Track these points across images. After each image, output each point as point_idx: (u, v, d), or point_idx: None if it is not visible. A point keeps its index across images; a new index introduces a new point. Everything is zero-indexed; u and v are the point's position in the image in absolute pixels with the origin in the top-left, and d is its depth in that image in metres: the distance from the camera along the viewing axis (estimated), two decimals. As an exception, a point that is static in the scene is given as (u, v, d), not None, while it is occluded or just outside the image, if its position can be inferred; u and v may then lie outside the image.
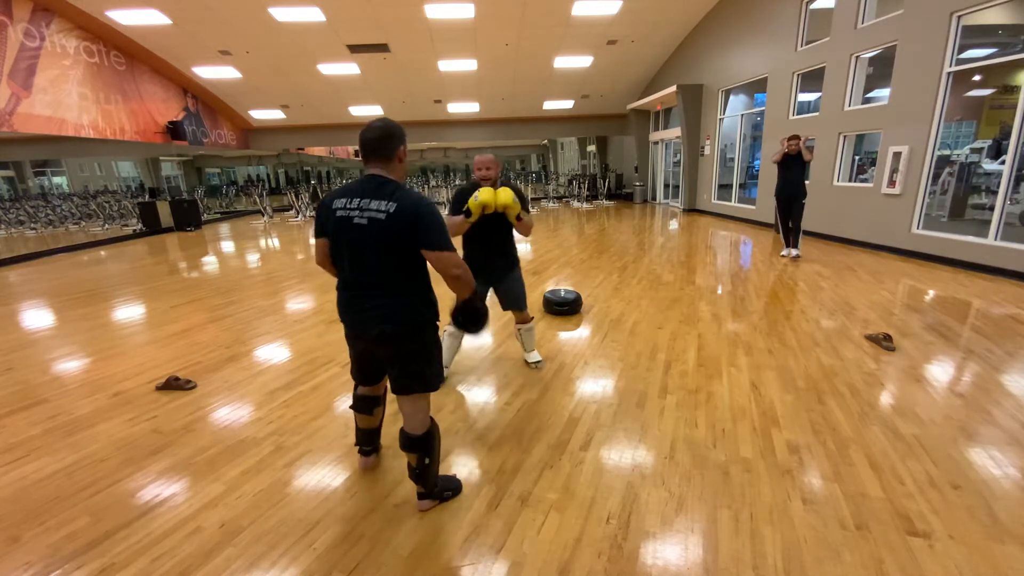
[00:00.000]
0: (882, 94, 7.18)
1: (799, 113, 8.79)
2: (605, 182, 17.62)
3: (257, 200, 16.03)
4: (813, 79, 8.20)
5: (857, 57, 7.15)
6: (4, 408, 3.03)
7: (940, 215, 7.17)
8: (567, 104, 16.22)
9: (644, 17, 10.84)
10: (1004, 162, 5.48)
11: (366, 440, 2.23)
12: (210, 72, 12.73)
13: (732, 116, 11.10)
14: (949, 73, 5.77)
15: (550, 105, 16.22)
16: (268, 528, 1.91)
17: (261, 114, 15.93)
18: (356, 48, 11.59)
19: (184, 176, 30.82)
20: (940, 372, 3.10)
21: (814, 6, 8.08)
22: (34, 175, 26.07)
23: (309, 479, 2.22)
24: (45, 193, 21.43)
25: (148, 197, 14.44)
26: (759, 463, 2.21)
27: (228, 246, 10.28)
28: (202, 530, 1.91)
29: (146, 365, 3.64)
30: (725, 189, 11.74)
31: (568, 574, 1.65)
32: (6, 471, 2.35)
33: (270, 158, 30.37)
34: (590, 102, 16.08)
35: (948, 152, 7.99)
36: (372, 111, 15.87)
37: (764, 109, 9.54)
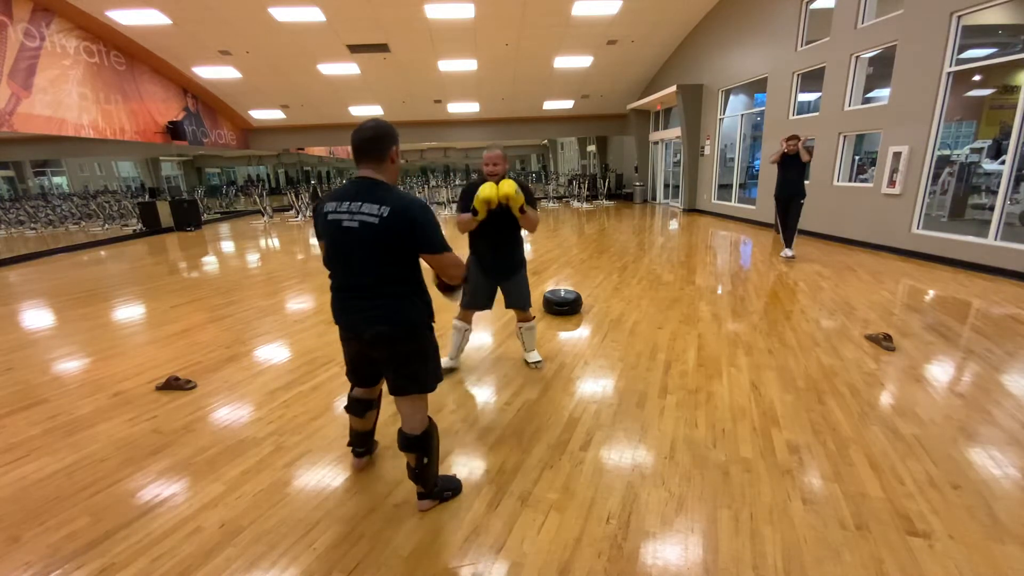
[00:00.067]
0: (882, 94, 7.18)
1: (799, 113, 8.79)
2: (605, 182, 17.61)
3: (257, 200, 16.03)
4: (813, 79, 8.20)
5: (857, 57, 7.15)
6: (4, 408, 3.03)
7: (940, 215, 7.17)
8: (567, 104, 16.22)
9: (644, 17, 10.84)
10: (1004, 162, 5.48)
11: (359, 442, 2.23)
12: (210, 72, 12.73)
13: (732, 116, 11.10)
14: (949, 73, 5.78)
15: (550, 105, 16.22)
16: (268, 528, 1.91)
17: (261, 114, 15.93)
18: (356, 48, 11.59)
19: (184, 176, 30.82)
20: (940, 372, 3.10)
21: (814, 6, 8.08)
22: (34, 175, 26.07)
23: (309, 479, 2.22)
24: (45, 193, 21.44)
25: (148, 197, 14.44)
26: (759, 463, 2.21)
27: (228, 246, 10.28)
28: (202, 530, 1.91)
29: (146, 365, 3.64)
30: (725, 189, 11.74)
31: (568, 574, 1.65)
32: (6, 471, 2.35)
33: (270, 158, 30.38)
34: (590, 102, 16.08)
35: (948, 152, 7.99)
36: (372, 111, 15.87)
37: (764, 109, 9.54)
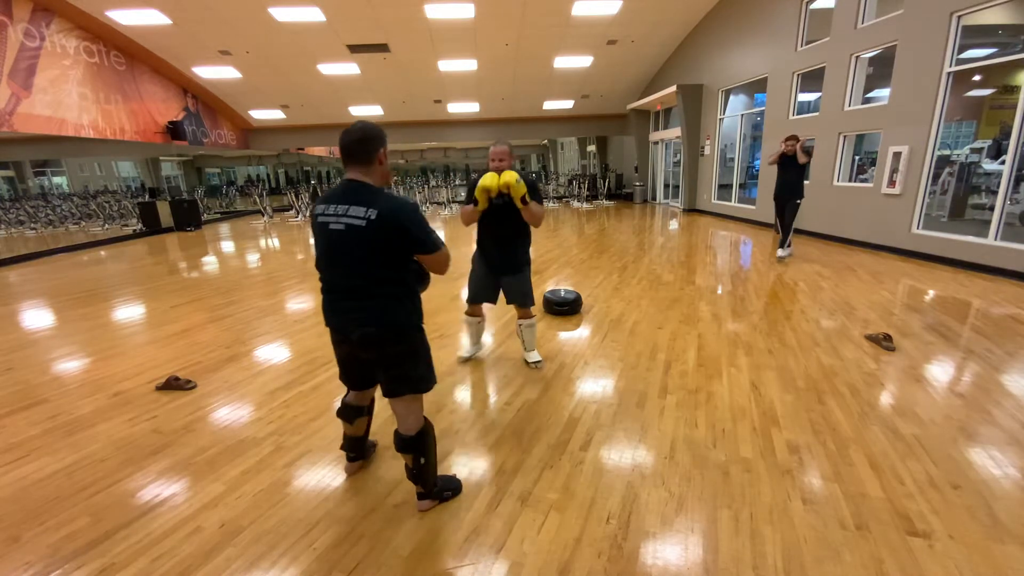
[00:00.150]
0: (882, 94, 7.18)
1: (799, 113, 8.79)
2: (605, 182, 17.61)
3: (257, 200, 16.03)
4: (813, 79, 8.19)
5: (857, 57, 7.15)
6: (4, 408, 3.03)
7: (940, 215, 7.17)
8: (567, 104, 16.22)
9: (644, 17, 10.84)
10: (1004, 162, 5.48)
11: (351, 447, 2.23)
12: (210, 72, 12.73)
13: (732, 116, 11.10)
14: (949, 73, 5.77)
15: (550, 105, 16.22)
16: (268, 528, 1.91)
17: (261, 114, 15.93)
18: (356, 48, 11.58)
19: (184, 176, 30.82)
20: (940, 372, 3.10)
21: (814, 6, 8.08)
22: (34, 175, 26.07)
23: (309, 479, 2.22)
24: (45, 193, 21.45)
25: (148, 197, 14.44)
26: (759, 463, 2.21)
27: (228, 246, 10.28)
28: (202, 530, 1.91)
29: (146, 365, 3.64)
30: (725, 189, 11.74)
31: (568, 574, 1.65)
32: (6, 471, 2.35)
33: (270, 158, 30.36)
34: (590, 102, 16.07)
35: (948, 152, 7.99)
36: (372, 111, 15.88)
37: (764, 109, 9.54)
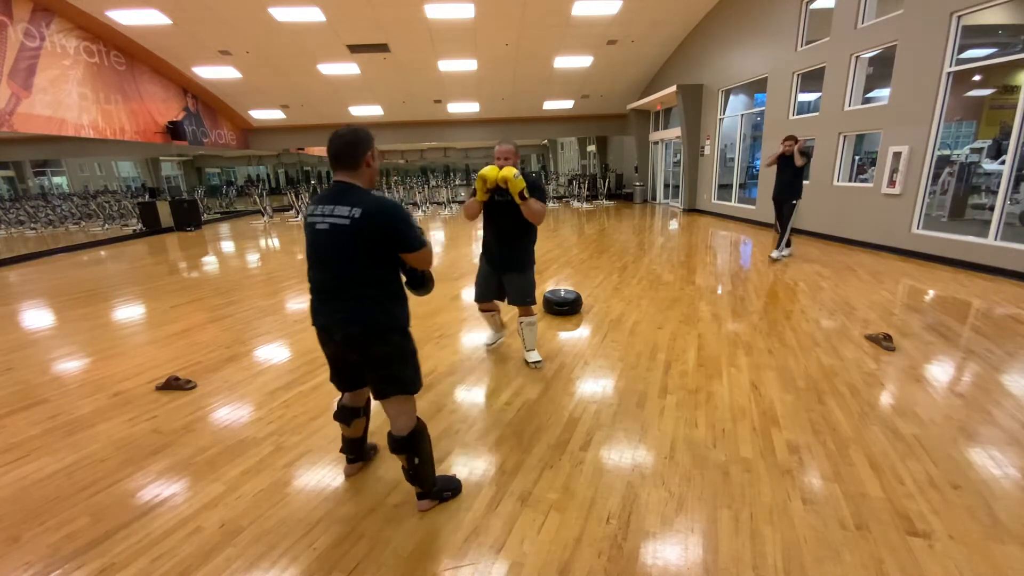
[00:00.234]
0: (882, 94, 7.18)
1: (799, 113, 8.79)
2: (605, 182, 17.60)
3: (257, 200, 16.03)
4: (813, 79, 8.19)
5: (857, 57, 7.15)
6: (4, 408, 3.03)
7: (940, 215, 7.17)
8: (567, 104, 16.21)
9: (644, 17, 10.84)
10: (1004, 162, 5.48)
11: (350, 448, 2.23)
12: (210, 72, 12.73)
13: (732, 116, 11.10)
14: (949, 73, 5.77)
15: (550, 105, 16.21)
16: (268, 528, 1.91)
17: (261, 114, 15.92)
18: (356, 48, 11.58)
19: (184, 176, 30.80)
20: (940, 372, 3.10)
21: (814, 6, 8.08)
22: (34, 175, 26.05)
23: (309, 479, 2.22)
24: (45, 193, 21.44)
25: (148, 197, 14.44)
26: (759, 463, 2.21)
27: (228, 246, 10.28)
28: (202, 530, 1.91)
29: (146, 365, 3.64)
30: (725, 189, 11.74)
31: (568, 574, 1.65)
32: (6, 471, 2.35)
33: (270, 158, 30.34)
34: (590, 102, 16.07)
35: (948, 152, 7.98)
36: (372, 111, 15.88)
37: (764, 109, 9.54)
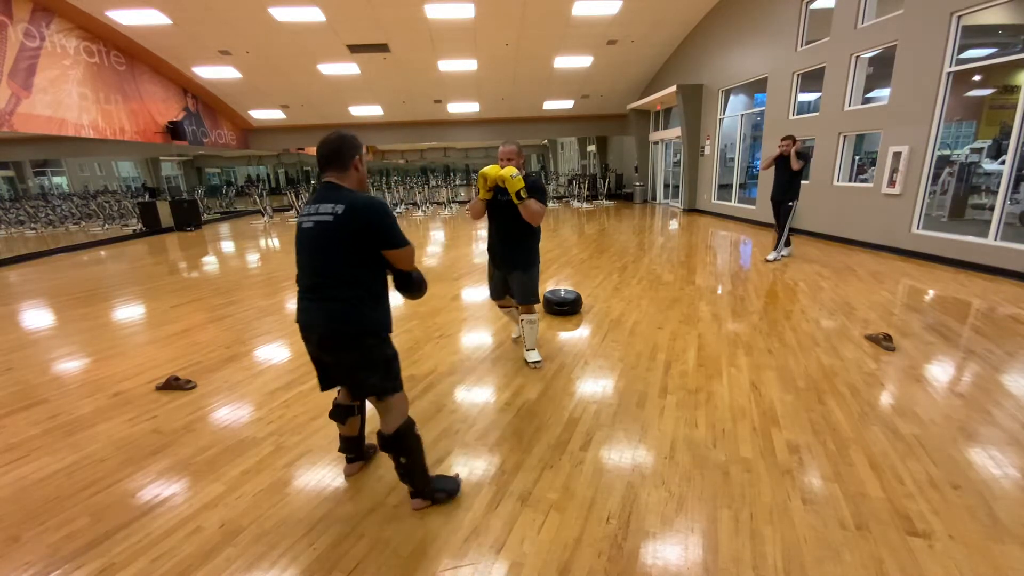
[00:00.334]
0: (882, 94, 7.18)
1: (799, 113, 8.78)
2: (605, 182, 17.60)
3: (257, 200, 16.03)
4: (813, 79, 8.19)
5: (857, 57, 7.15)
6: (4, 408, 3.03)
7: (940, 215, 7.17)
8: (567, 104, 16.21)
9: (644, 17, 10.83)
10: (1004, 162, 5.48)
11: (348, 447, 2.23)
12: (210, 72, 12.72)
13: (732, 116, 11.10)
14: (949, 73, 5.77)
15: (550, 105, 16.21)
16: (268, 528, 1.91)
17: (261, 114, 15.92)
18: (356, 48, 11.58)
19: (184, 176, 30.80)
20: (940, 372, 3.10)
21: (814, 6, 8.08)
22: (34, 175, 26.04)
23: (309, 479, 2.22)
24: (45, 193, 21.44)
25: (148, 197, 14.44)
26: (759, 463, 2.21)
27: (228, 246, 10.28)
28: (202, 530, 1.91)
29: (146, 365, 3.64)
30: (725, 189, 11.74)
31: (568, 574, 1.65)
32: (6, 471, 2.35)
33: (270, 158, 30.33)
34: (590, 102, 16.07)
35: (948, 152, 7.98)
36: (372, 111, 15.88)
37: (764, 109, 9.53)
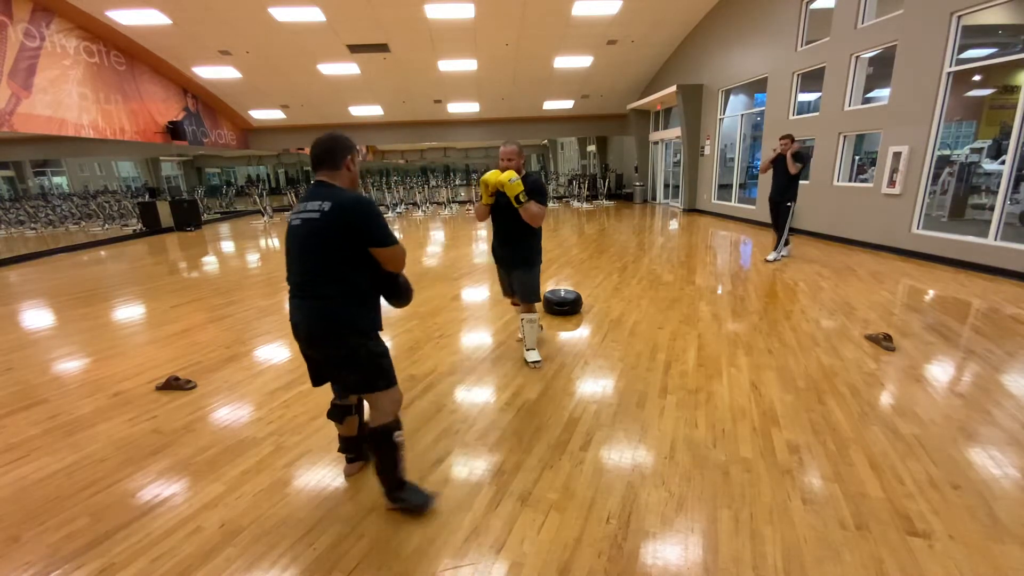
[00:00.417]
0: (882, 94, 7.18)
1: (799, 113, 8.78)
2: (605, 182, 17.60)
3: (257, 200, 16.03)
4: (813, 79, 8.19)
5: (857, 57, 7.15)
6: (4, 408, 3.03)
7: (940, 215, 7.17)
8: (567, 104, 16.21)
9: (644, 17, 10.83)
10: (1004, 162, 5.48)
11: (347, 447, 2.23)
12: (210, 72, 12.72)
13: (732, 116, 11.10)
14: (949, 73, 5.77)
15: (550, 105, 16.21)
16: (268, 528, 1.91)
17: (261, 114, 15.92)
18: (356, 48, 11.58)
19: (184, 176, 30.81)
20: (940, 372, 3.10)
21: (814, 6, 8.08)
22: (34, 175, 26.03)
23: (309, 479, 2.22)
24: (45, 193, 21.44)
25: (148, 197, 14.44)
26: (759, 463, 2.21)
27: (228, 246, 10.28)
28: (202, 530, 1.91)
29: (146, 365, 3.64)
30: (725, 189, 11.73)
31: (568, 574, 1.65)
32: (6, 471, 2.35)
33: (270, 158, 30.35)
34: (590, 102, 16.07)
35: (948, 152, 7.98)
36: (372, 111, 15.88)
37: (764, 109, 9.53)
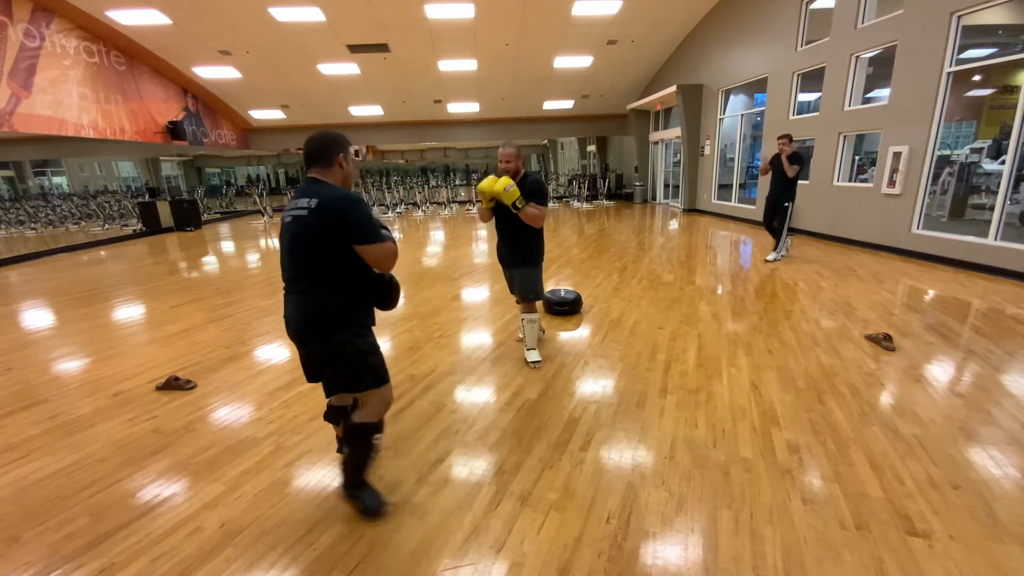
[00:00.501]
0: (882, 94, 7.18)
1: (799, 113, 8.79)
2: (605, 182, 17.60)
3: (257, 200, 16.03)
4: (813, 79, 8.19)
5: (857, 57, 7.15)
6: (4, 408, 3.03)
7: (940, 215, 7.17)
8: (567, 104, 16.21)
9: (644, 17, 10.84)
10: (1004, 162, 5.48)
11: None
12: (210, 72, 12.73)
13: (732, 116, 11.10)
14: (949, 73, 5.77)
15: (550, 105, 16.21)
16: (268, 528, 1.91)
17: (261, 114, 15.92)
18: (356, 48, 11.58)
19: (184, 176, 30.80)
20: (940, 372, 3.10)
21: (814, 6, 8.08)
22: (34, 175, 26.03)
23: (309, 479, 2.22)
24: (45, 193, 21.43)
25: (148, 197, 14.44)
26: (759, 463, 2.21)
27: (228, 246, 10.28)
28: (202, 530, 1.91)
29: (146, 365, 3.64)
30: (725, 189, 11.74)
31: (568, 574, 1.65)
32: (6, 471, 2.35)
33: (270, 158, 30.33)
34: (590, 102, 16.07)
35: (948, 152, 7.98)
36: (372, 111, 15.88)
37: (764, 109, 9.53)
